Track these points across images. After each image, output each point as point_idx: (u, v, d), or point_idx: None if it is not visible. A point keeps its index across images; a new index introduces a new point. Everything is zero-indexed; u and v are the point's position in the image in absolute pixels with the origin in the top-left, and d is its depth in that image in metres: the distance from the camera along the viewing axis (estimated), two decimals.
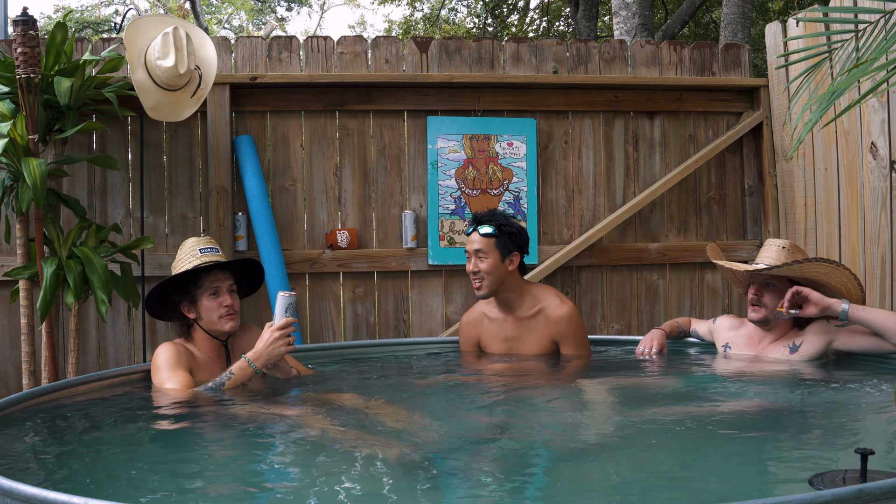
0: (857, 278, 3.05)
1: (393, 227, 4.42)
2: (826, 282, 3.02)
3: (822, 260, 2.99)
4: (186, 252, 2.92)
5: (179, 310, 2.90)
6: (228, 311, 2.89)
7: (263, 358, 2.74)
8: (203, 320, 2.89)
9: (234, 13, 20.31)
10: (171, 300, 2.91)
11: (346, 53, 4.35)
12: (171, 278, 2.89)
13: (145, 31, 3.67)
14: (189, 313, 2.90)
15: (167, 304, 2.93)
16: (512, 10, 13.58)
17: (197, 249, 2.90)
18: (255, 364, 2.74)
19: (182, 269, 2.87)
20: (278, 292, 2.84)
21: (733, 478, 1.94)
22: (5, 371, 4.11)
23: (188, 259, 2.89)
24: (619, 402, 2.69)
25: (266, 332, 2.78)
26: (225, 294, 2.90)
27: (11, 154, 3.41)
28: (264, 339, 2.77)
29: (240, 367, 2.73)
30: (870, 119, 3.93)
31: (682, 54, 4.64)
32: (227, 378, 2.71)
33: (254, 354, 2.75)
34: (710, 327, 3.43)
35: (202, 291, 2.88)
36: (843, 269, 3.01)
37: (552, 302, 3.28)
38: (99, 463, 2.17)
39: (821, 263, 2.98)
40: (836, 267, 2.99)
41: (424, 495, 1.82)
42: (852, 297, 3.04)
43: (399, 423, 2.40)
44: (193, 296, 2.88)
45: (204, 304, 2.88)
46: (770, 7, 12.13)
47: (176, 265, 2.93)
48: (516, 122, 4.45)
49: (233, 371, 2.73)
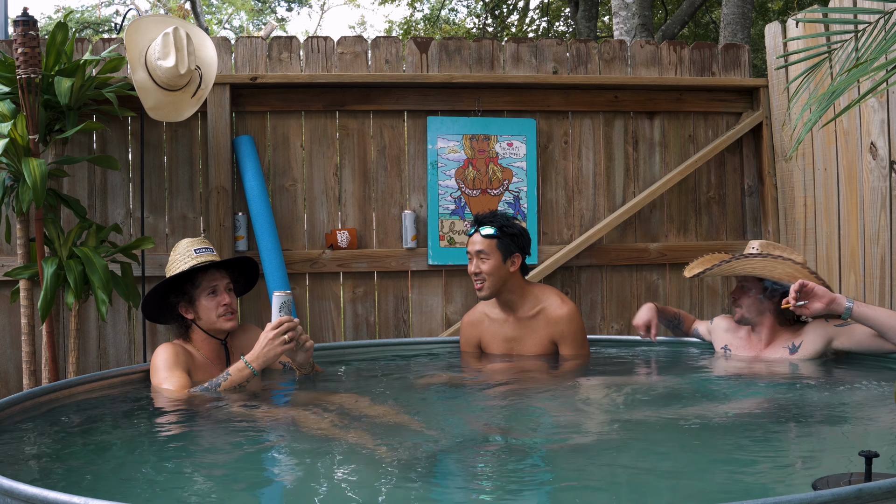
0: (811, 269, 3.05)
1: (393, 227, 4.42)
2: (768, 276, 3.03)
3: (759, 255, 3.01)
4: (181, 253, 2.91)
5: (177, 311, 2.90)
6: (227, 310, 2.90)
7: (261, 359, 2.73)
8: (202, 320, 2.89)
9: (235, 13, 20.32)
10: (168, 302, 2.91)
11: (346, 54, 4.35)
12: (168, 279, 2.88)
13: (146, 31, 3.67)
14: (187, 314, 2.90)
15: (165, 305, 2.93)
16: (512, 10, 13.58)
17: (192, 250, 2.90)
18: (253, 365, 2.72)
19: (179, 270, 2.87)
20: (273, 292, 2.84)
21: (734, 478, 1.94)
22: (5, 371, 4.11)
23: (183, 260, 2.89)
24: (620, 403, 2.70)
25: (263, 333, 2.78)
26: (223, 293, 2.90)
27: (12, 154, 3.41)
28: (260, 341, 2.76)
29: (237, 369, 2.73)
30: (869, 119, 3.94)
31: (682, 54, 4.65)
32: (223, 379, 2.70)
33: (252, 356, 2.74)
34: (709, 328, 3.44)
35: (200, 291, 2.88)
36: (784, 261, 3.00)
37: (553, 302, 3.28)
38: (99, 463, 2.17)
39: (751, 259, 3.01)
40: (773, 260, 3.00)
41: (424, 495, 1.82)
42: None
43: (399, 424, 2.40)
44: (191, 296, 2.88)
45: (202, 304, 2.88)
46: (770, 7, 12.13)
47: (171, 267, 2.92)
48: (516, 123, 4.45)
49: (229, 372, 2.72)
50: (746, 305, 3.13)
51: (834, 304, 2.87)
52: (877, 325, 2.87)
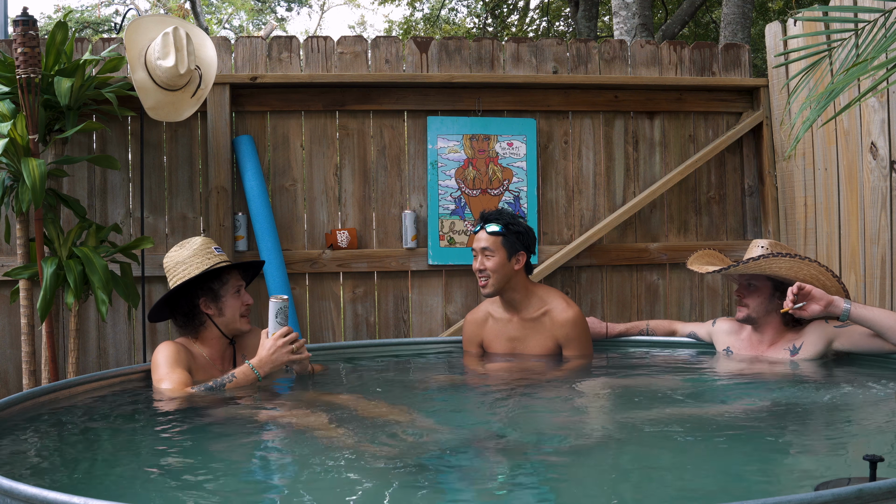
0: (832, 271, 3.04)
1: (393, 227, 4.42)
2: (793, 276, 3.01)
3: (786, 255, 2.98)
4: (199, 250, 2.88)
5: (196, 306, 2.88)
6: (248, 311, 2.96)
7: (268, 366, 2.77)
8: (223, 318, 2.89)
9: (234, 13, 20.32)
10: (187, 295, 2.88)
11: (346, 53, 4.35)
12: (207, 271, 2.84)
13: (145, 31, 3.67)
14: (207, 309, 2.88)
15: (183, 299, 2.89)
16: (512, 10, 13.58)
17: (212, 248, 2.90)
18: (259, 372, 2.76)
19: (208, 266, 2.83)
20: (270, 297, 2.85)
21: (734, 478, 1.94)
22: (5, 371, 4.11)
23: (204, 256, 2.86)
24: (621, 403, 2.70)
25: (267, 340, 2.79)
26: (245, 293, 2.95)
27: (11, 154, 3.41)
28: (266, 347, 2.78)
29: (243, 372, 2.75)
30: (869, 119, 3.93)
31: (682, 54, 4.65)
32: (228, 380, 2.72)
33: (258, 362, 2.77)
34: (710, 330, 3.43)
35: (227, 289, 2.90)
36: (810, 262, 2.99)
37: (559, 305, 3.29)
38: (99, 463, 2.17)
39: (780, 258, 2.98)
40: (801, 261, 2.98)
41: (425, 495, 1.82)
42: (829, 291, 3.04)
43: (399, 423, 2.40)
44: (216, 293, 2.88)
45: (229, 303, 2.89)
46: (770, 7, 12.13)
47: (187, 261, 2.86)
48: (516, 122, 4.45)
49: (235, 374, 2.74)
50: (754, 305, 3.11)
51: (832, 306, 2.87)
52: (875, 326, 2.87)
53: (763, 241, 3.13)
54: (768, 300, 3.10)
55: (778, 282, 3.07)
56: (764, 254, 3.03)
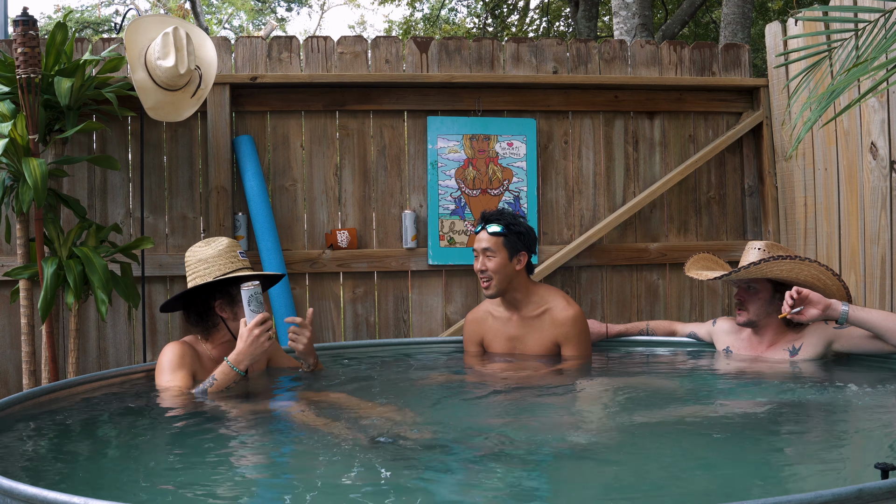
0: (832, 270, 3.03)
1: (393, 227, 4.42)
2: (794, 278, 3.00)
3: (787, 257, 2.97)
4: (223, 252, 2.82)
5: (212, 307, 2.84)
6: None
7: (246, 359, 2.67)
8: (237, 322, 2.83)
9: (234, 13, 20.32)
10: (205, 295, 2.84)
11: (346, 53, 4.35)
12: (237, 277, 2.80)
13: (145, 31, 3.67)
14: (222, 312, 2.86)
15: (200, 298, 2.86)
16: (512, 10, 13.58)
17: (237, 253, 2.83)
18: (238, 367, 2.67)
19: (231, 270, 2.79)
20: (241, 285, 2.72)
21: (734, 478, 1.94)
22: (5, 371, 4.11)
23: (228, 259, 2.81)
24: (621, 403, 2.69)
25: (244, 330, 2.69)
26: None
27: (12, 154, 3.41)
28: (243, 339, 2.68)
29: (222, 372, 2.67)
30: (870, 119, 3.93)
31: (682, 54, 4.65)
32: (209, 384, 2.65)
33: (235, 357, 2.67)
34: (710, 330, 3.43)
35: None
36: (811, 262, 2.99)
37: (559, 304, 3.28)
38: (99, 463, 2.17)
39: (781, 261, 2.97)
40: (802, 262, 2.97)
41: (424, 495, 1.82)
42: (831, 291, 3.03)
43: (399, 423, 2.40)
44: (234, 297, 2.83)
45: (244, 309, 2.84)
46: (770, 7, 12.13)
47: (209, 260, 2.80)
48: (516, 122, 4.45)
49: (215, 377, 2.66)
50: (754, 309, 3.10)
51: (830, 309, 2.86)
52: (874, 329, 2.87)
53: (759, 243, 3.12)
54: (768, 302, 3.09)
55: (778, 283, 3.07)
56: (764, 257, 3.02)
